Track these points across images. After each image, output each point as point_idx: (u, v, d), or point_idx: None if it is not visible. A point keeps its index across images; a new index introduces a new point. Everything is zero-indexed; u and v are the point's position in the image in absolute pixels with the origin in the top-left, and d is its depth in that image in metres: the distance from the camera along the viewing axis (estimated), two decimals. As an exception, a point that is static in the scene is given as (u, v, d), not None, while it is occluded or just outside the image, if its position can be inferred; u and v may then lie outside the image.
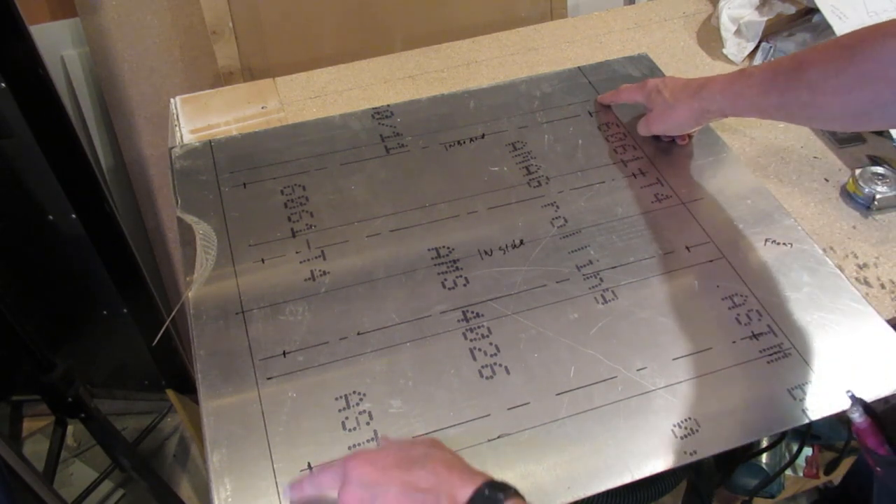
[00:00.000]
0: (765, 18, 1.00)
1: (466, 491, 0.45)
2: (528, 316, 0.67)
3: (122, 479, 1.38)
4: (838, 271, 0.71)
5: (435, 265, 0.72)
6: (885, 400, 0.55)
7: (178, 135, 0.89)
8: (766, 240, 0.74)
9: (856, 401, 0.49)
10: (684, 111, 0.77)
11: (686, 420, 0.60)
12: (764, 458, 1.18)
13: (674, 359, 0.64)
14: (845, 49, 0.60)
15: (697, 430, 0.59)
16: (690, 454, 0.58)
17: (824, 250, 0.74)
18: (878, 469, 0.47)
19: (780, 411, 0.61)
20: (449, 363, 0.64)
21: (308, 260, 0.72)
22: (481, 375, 0.63)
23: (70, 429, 1.40)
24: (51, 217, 1.11)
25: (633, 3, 1.32)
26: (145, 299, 1.27)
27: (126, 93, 1.17)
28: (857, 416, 0.48)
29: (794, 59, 0.65)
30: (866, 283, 0.73)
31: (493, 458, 0.58)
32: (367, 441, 0.59)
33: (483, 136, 0.85)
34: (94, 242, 1.16)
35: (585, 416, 0.60)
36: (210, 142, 0.84)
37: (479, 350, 0.65)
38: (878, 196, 0.79)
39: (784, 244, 0.74)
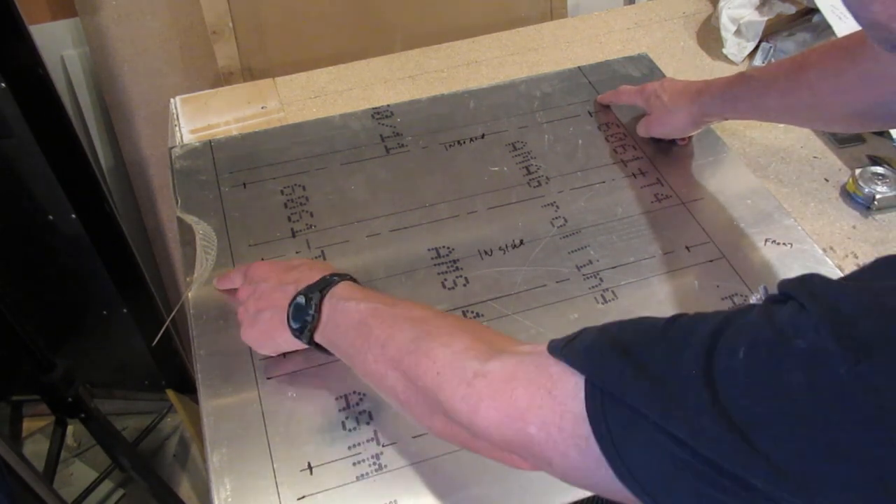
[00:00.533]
0: (765, 18, 1.00)
1: (315, 278, 0.58)
2: (528, 316, 0.67)
3: (122, 479, 1.38)
4: (838, 271, 0.71)
5: (435, 265, 0.72)
6: None
7: (178, 135, 0.89)
8: (766, 240, 0.74)
9: (764, 291, 0.49)
10: (684, 116, 0.77)
11: (686, 420, 0.60)
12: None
13: (674, 359, 0.64)
14: (845, 50, 0.60)
15: (697, 431, 0.59)
16: (690, 454, 0.58)
17: (824, 250, 0.74)
18: None
19: (780, 411, 0.61)
20: (449, 363, 0.64)
21: (308, 260, 0.72)
22: (481, 375, 0.63)
23: (70, 429, 1.40)
24: (51, 217, 1.11)
25: (633, 3, 1.32)
26: (145, 299, 1.27)
27: (126, 93, 1.17)
28: (754, 300, 0.49)
29: (793, 61, 0.65)
30: (866, 283, 0.73)
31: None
32: (367, 441, 0.59)
33: (483, 136, 0.85)
34: (94, 242, 1.16)
35: (585, 416, 0.60)
36: (210, 142, 0.84)
37: (479, 350, 0.65)
38: (878, 196, 0.79)
39: (784, 244, 0.74)
